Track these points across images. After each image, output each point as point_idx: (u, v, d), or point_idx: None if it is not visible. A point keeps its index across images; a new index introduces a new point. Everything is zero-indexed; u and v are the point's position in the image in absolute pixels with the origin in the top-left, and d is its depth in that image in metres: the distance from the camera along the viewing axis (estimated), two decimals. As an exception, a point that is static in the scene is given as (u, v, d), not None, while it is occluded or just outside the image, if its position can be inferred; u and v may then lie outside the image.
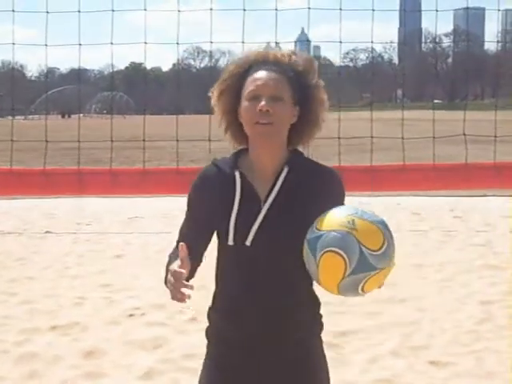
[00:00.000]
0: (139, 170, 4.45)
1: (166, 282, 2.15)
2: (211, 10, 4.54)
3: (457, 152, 11.59)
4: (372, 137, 4.79)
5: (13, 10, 4.52)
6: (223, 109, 2.32)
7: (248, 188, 2.26)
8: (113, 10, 4.61)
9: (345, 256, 1.96)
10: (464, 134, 5.05)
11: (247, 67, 2.28)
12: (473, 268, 8.07)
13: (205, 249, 2.37)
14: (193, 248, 2.24)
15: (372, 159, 4.24)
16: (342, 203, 2.32)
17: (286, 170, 2.26)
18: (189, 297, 2.03)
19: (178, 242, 2.39)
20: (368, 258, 1.96)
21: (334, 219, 2.03)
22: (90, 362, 5.20)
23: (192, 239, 2.30)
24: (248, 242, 2.20)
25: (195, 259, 2.25)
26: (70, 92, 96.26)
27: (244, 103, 2.23)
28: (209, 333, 2.40)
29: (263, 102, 2.18)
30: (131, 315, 6.35)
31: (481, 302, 6.67)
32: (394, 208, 12.63)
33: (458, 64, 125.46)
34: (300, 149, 2.37)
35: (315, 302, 2.38)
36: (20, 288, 7.33)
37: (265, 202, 2.23)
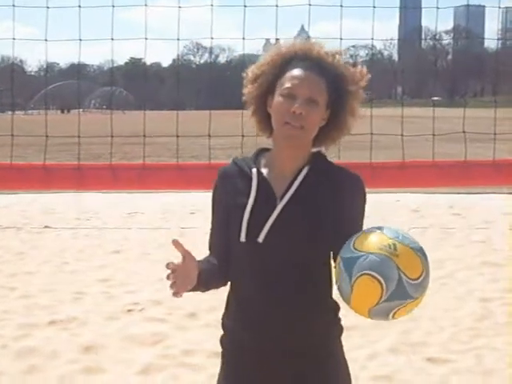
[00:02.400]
0: (139, 164, 4.43)
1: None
2: (212, 5, 4.54)
3: (456, 150, 11.56)
4: (372, 133, 4.77)
5: (13, 5, 4.52)
6: (254, 94, 2.24)
7: (264, 185, 2.19)
8: (113, 6, 4.62)
9: (382, 282, 1.87)
10: (464, 132, 5.04)
11: (288, 58, 2.19)
12: (472, 265, 8.07)
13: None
14: (222, 258, 2.21)
15: (371, 156, 4.23)
16: (362, 211, 2.25)
17: (305, 169, 2.19)
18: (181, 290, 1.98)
19: (208, 248, 2.34)
20: (406, 287, 1.88)
21: (375, 241, 1.93)
22: (89, 357, 5.19)
23: (220, 247, 2.26)
24: (260, 239, 2.13)
25: (227, 264, 2.23)
26: (69, 87, 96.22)
27: (278, 98, 2.14)
28: (224, 341, 2.32)
29: (297, 105, 2.09)
30: (130, 310, 6.35)
31: (480, 299, 6.67)
32: (394, 205, 12.64)
33: (457, 61, 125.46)
34: (322, 151, 2.30)
35: (333, 305, 2.26)
36: (19, 283, 7.33)
37: (281, 199, 2.16)
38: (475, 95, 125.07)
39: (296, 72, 2.14)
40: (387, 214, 11.65)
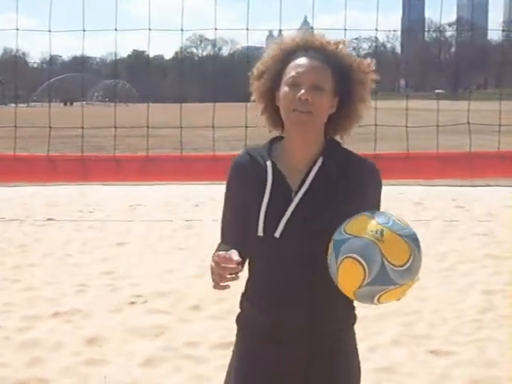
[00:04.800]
0: (143, 156, 4.43)
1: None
2: (215, -3, 4.56)
3: (460, 142, 11.54)
4: (376, 125, 4.76)
5: (16, -3, 4.53)
6: (261, 90, 2.25)
7: (279, 178, 2.18)
8: (116, -3, 4.64)
9: (365, 265, 1.90)
10: (468, 123, 5.02)
11: (291, 50, 2.21)
12: (475, 258, 8.07)
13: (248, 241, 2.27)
14: (238, 243, 2.20)
15: (376, 148, 4.22)
16: (378, 199, 2.27)
17: (320, 160, 2.19)
18: (235, 278, 2.01)
19: (220, 236, 2.35)
20: (388, 273, 1.90)
21: (364, 225, 1.95)
22: (92, 349, 5.20)
23: (235, 234, 2.26)
24: (277, 234, 2.13)
25: (242, 253, 2.19)
26: (72, 80, 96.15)
27: (284, 88, 2.16)
28: (240, 320, 2.34)
29: (303, 91, 2.10)
30: (133, 303, 6.35)
31: (483, 291, 6.67)
32: (397, 198, 12.63)
33: (461, 54, 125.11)
34: (337, 139, 2.30)
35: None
36: (22, 275, 7.34)
37: (296, 193, 2.16)
38: (478, 87, 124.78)
39: (300, 61, 2.16)
40: (390, 206, 11.64)
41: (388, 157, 4.35)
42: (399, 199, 12.50)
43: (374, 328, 5.62)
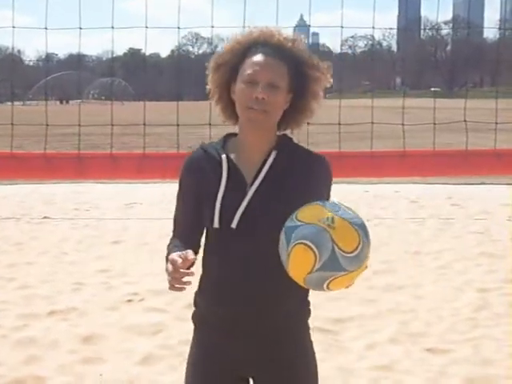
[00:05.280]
0: (139, 154, 4.43)
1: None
2: (211, -5, 4.54)
3: (456, 140, 11.56)
4: (372, 123, 4.76)
5: (11, -6, 4.52)
6: (217, 82, 2.30)
7: (234, 171, 2.23)
8: (112, -5, 4.63)
9: (316, 251, 1.93)
10: (465, 121, 5.03)
11: (249, 45, 2.24)
12: (470, 256, 8.08)
13: (201, 234, 2.33)
14: (190, 235, 2.26)
15: (372, 146, 4.23)
16: (329, 191, 2.33)
17: (273, 154, 2.25)
18: (189, 283, 2.02)
19: (173, 231, 2.39)
20: (339, 259, 1.93)
21: (315, 213, 2.00)
22: (88, 347, 5.20)
23: (188, 227, 2.30)
24: (233, 225, 2.17)
25: (194, 247, 2.24)
26: (68, 78, 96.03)
27: (240, 85, 2.20)
28: (195, 318, 2.38)
29: (260, 89, 2.14)
30: (129, 301, 6.35)
31: (478, 289, 6.68)
32: (393, 196, 12.65)
33: (457, 52, 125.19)
34: (288, 134, 2.36)
35: (303, 289, 2.21)
36: (18, 273, 7.34)
37: (251, 185, 2.21)
38: (474, 86, 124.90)
39: (256, 58, 2.20)
40: (386, 204, 11.67)
41: (384, 155, 4.36)
42: (395, 197, 12.52)
43: (371, 326, 5.63)
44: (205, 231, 2.31)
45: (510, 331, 5.45)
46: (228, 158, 2.25)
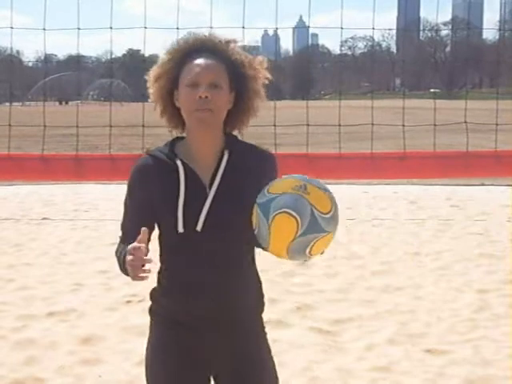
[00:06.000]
0: (137, 155, 4.43)
1: (121, 269, 2.28)
2: (210, -4, 4.54)
3: (456, 141, 11.55)
4: (372, 124, 4.77)
5: (10, -5, 4.53)
6: (159, 93, 2.34)
7: (191, 175, 2.28)
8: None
9: (297, 217, 2.03)
10: (465, 122, 5.03)
11: (186, 52, 2.30)
12: (470, 257, 8.08)
13: (149, 240, 2.34)
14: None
15: (372, 147, 4.23)
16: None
17: (226, 154, 2.31)
18: (149, 271, 2.09)
19: (122, 238, 2.41)
20: (318, 220, 2.04)
21: (287, 183, 2.10)
22: (87, 348, 5.20)
23: (136, 233, 2.26)
24: (199, 228, 2.23)
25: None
26: (67, 79, 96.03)
27: (182, 90, 2.26)
28: (153, 311, 2.45)
29: (202, 89, 2.21)
30: (128, 302, 6.34)
31: (478, 290, 6.68)
32: (392, 197, 12.65)
33: (456, 53, 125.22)
34: (234, 133, 2.42)
35: (259, 283, 2.44)
36: (17, 274, 7.33)
37: (210, 186, 2.27)
38: (474, 87, 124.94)
39: (196, 62, 2.27)
40: (385, 206, 11.67)
41: (384, 156, 4.35)
42: (394, 198, 12.52)
43: (370, 327, 5.63)
44: (160, 233, 2.37)
45: (509, 332, 5.45)
46: (183, 163, 2.29)
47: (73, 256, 8.21)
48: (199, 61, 2.26)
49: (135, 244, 2.08)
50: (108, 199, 12.45)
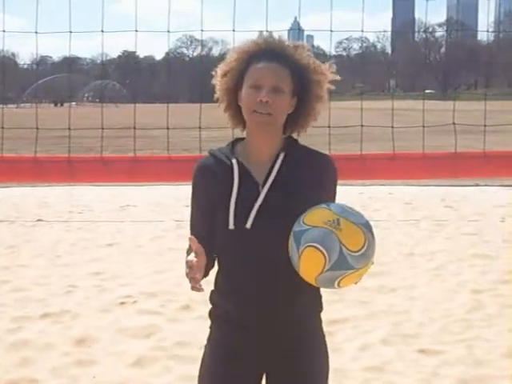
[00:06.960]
0: (131, 157, 4.46)
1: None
2: (203, -3, 4.56)
3: (448, 142, 11.58)
4: (362, 125, 4.80)
5: (3, -3, 4.53)
6: (224, 89, 2.37)
7: (245, 174, 2.31)
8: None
9: (325, 253, 2.03)
10: (454, 123, 5.06)
11: (253, 52, 2.32)
12: (464, 257, 8.10)
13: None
14: (206, 239, 2.29)
15: (362, 148, 4.26)
16: (334, 190, 2.43)
17: (282, 155, 2.33)
18: (203, 290, 2.11)
19: (192, 234, 2.41)
20: (347, 258, 2.04)
21: (321, 216, 2.10)
22: (82, 349, 5.20)
23: (203, 231, 2.36)
24: (248, 225, 2.25)
25: (212, 250, 2.32)
26: (62, 80, 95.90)
27: (245, 90, 2.28)
28: (212, 315, 2.47)
29: (264, 93, 2.23)
30: (123, 303, 6.35)
31: (472, 290, 6.70)
32: (386, 198, 12.67)
33: (450, 54, 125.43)
34: (294, 136, 2.44)
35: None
36: (12, 276, 7.33)
37: (263, 185, 2.29)
38: (468, 88, 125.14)
39: (261, 64, 2.29)
40: (379, 206, 11.69)
41: (374, 157, 4.38)
42: (388, 199, 12.55)
43: (364, 327, 5.65)
44: (218, 233, 2.36)
45: (502, 332, 5.47)
46: (238, 161, 2.32)
47: (67, 257, 8.21)
48: (264, 64, 2.28)
49: (190, 259, 2.12)
50: (102, 201, 12.46)
